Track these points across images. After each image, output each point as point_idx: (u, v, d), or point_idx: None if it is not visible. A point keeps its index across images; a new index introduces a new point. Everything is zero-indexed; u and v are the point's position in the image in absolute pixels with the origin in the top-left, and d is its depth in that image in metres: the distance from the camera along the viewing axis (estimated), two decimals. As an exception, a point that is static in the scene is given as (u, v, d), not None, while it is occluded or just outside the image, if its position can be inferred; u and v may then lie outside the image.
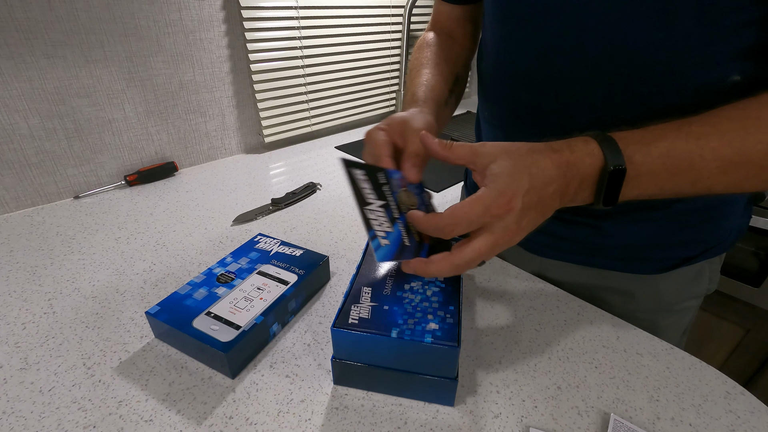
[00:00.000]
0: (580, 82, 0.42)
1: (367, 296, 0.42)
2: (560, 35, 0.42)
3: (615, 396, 0.42)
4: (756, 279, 1.04)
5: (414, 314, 0.40)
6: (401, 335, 0.37)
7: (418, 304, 0.41)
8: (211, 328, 0.43)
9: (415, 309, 0.40)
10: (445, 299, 0.42)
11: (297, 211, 0.77)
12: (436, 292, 0.43)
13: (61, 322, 0.49)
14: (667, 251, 0.52)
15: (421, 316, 0.40)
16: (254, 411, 0.39)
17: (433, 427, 0.38)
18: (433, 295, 0.42)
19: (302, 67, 1.05)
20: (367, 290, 0.42)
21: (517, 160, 0.34)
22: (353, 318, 0.39)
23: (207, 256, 0.62)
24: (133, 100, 0.81)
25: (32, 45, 0.67)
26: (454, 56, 0.58)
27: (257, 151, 1.05)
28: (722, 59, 0.36)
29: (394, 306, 0.40)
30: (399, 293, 0.42)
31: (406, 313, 0.40)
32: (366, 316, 0.39)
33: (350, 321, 0.39)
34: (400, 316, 0.39)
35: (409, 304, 0.41)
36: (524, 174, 0.33)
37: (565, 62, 0.42)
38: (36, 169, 0.73)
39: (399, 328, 0.38)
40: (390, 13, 1.20)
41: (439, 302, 0.41)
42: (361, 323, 0.39)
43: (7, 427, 0.37)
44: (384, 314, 0.40)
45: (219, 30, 0.88)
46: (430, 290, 0.43)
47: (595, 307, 0.54)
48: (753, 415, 0.40)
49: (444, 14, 0.62)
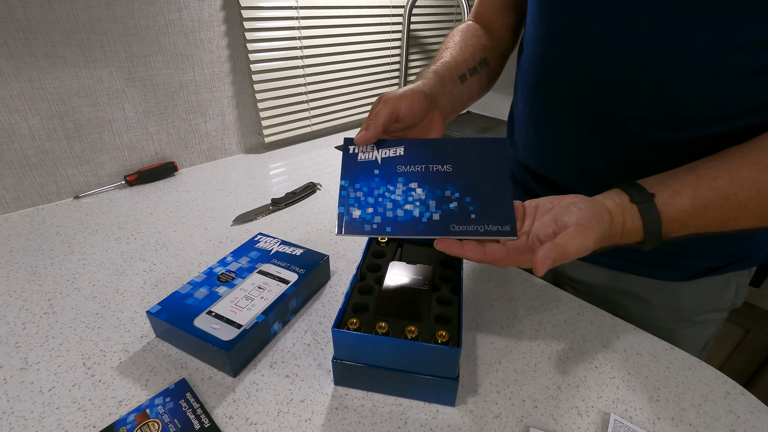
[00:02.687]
0: (619, 80, 0.42)
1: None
2: (603, 31, 0.41)
3: (615, 396, 0.42)
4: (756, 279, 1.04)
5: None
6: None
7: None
8: (213, 327, 0.43)
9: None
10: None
11: (297, 210, 0.77)
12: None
13: (61, 322, 0.49)
14: (691, 259, 0.50)
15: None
16: (254, 411, 0.39)
17: (433, 427, 0.38)
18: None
19: (302, 67, 1.05)
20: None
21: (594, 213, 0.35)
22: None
23: (207, 255, 0.62)
24: (133, 100, 0.81)
25: (32, 45, 0.67)
26: (484, 43, 0.57)
27: (257, 151, 1.05)
28: (766, 67, 0.36)
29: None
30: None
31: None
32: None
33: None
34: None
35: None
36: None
37: (605, 58, 0.42)
38: (36, 169, 0.73)
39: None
40: (390, 13, 1.20)
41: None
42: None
43: (7, 427, 0.37)
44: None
45: (219, 30, 0.88)
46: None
47: (595, 307, 0.54)
48: (753, 415, 0.40)
49: (485, 4, 0.61)
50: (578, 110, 0.47)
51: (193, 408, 0.39)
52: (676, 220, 0.36)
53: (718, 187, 0.35)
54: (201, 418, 0.38)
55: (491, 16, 0.61)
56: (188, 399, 0.39)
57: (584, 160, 0.49)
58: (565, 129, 0.49)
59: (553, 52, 0.47)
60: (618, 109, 0.43)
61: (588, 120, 0.46)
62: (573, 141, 0.49)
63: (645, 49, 0.39)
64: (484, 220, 0.37)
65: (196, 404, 0.39)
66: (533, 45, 0.51)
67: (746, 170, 0.35)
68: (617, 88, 0.42)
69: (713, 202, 0.35)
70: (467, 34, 0.58)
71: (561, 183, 0.53)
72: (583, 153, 0.49)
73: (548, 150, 0.53)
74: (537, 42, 0.50)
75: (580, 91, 0.45)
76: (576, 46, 0.44)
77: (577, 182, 0.51)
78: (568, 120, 0.48)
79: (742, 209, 0.35)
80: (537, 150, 0.55)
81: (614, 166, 0.47)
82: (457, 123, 1.39)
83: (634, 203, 0.37)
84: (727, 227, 0.37)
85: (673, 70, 0.38)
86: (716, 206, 0.35)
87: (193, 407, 0.39)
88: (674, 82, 0.39)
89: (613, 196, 0.38)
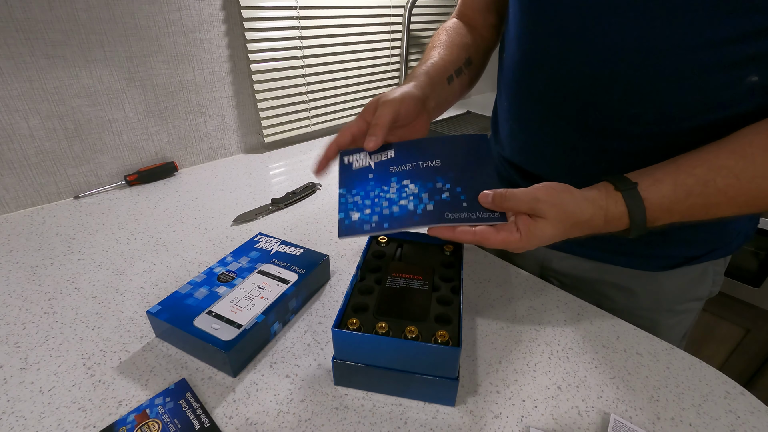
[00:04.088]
0: (600, 78, 0.43)
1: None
2: (581, 29, 0.42)
3: (615, 396, 0.42)
4: (756, 279, 1.04)
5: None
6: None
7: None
8: (213, 327, 0.43)
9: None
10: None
11: (297, 210, 0.77)
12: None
13: (61, 322, 0.49)
14: (670, 249, 0.52)
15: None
16: (254, 411, 0.39)
17: (433, 427, 0.38)
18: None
19: (302, 67, 1.05)
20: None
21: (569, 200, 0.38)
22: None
23: (207, 255, 0.62)
24: (133, 100, 0.81)
25: (32, 45, 0.67)
26: (468, 42, 0.59)
27: (257, 151, 1.05)
28: (741, 60, 0.37)
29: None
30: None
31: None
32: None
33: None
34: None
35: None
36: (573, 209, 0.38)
37: (587, 57, 0.43)
38: (36, 169, 0.73)
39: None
40: (390, 13, 1.20)
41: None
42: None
43: (7, 427, 0.37)
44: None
45: (219, 30, 0.88)
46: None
47: (595, 307, 0.54)
48: (753, 415, 0.40)
49: (467, 4, 0.63)
50: (560, 107, 0.48)
51: (193, 408, 0.39)
52: (659, 206, 0.38)
53: (698, 174, 0.37)
54: (201, 418, 0.38)
55: (473, 15, 0.63)
56: (188, 399, 0.39)
57: (568, 155, 0.50)
58: (547, 125, 0.50)
59: (534, 51, 0.48)
60: (599, 105, 0.44)
61: (570, 116, 0.47)
62: (556, 137, 0.50)
63: (622, 46, 0.40)
64: (475, 207, 0.39)
65: (196, 404, 0.39)
66: (514, 43, 0.52)
67: (723, 159, 0.37)
68: (597, 85, 0.43)
69: (694, 189, 0.37)
70: (453, 33, 0.59)
71: (546, 178, 0.53)
72: (566, 148, 0.50)
73: (532, 146, 0.54)
74: (518, 40, 0.51)
75: (561, 89, 0.46)
76: (556, 44, 0.45)
77: (562, 177, 0.52)
78: (551, 116, 0.49)
79: (722, 195, 0.37)
80: (521, 146, 0.56)
81: (597, 160, 0.48)
82: (457, 123, 1.39)
83: (618, 191, 0.38)
84: (708, 215, 0.38)
85: (649, 67, 0.40)
86: (697, 192, 0.37)
87: (193, 407, 0.39)
88: (651, 78, 0.40)
89: (598, 186, 0.40)
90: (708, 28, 0.36)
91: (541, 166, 0.54)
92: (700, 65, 0.38)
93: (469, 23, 0.62)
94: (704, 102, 0.39)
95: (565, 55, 0.45)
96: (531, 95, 0.51)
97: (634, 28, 0.39)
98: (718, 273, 0.56)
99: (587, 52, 0.43)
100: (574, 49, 0.43)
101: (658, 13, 0.37)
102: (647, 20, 0.38)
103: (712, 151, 0.38)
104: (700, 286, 0.56)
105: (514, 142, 0.57)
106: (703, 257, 0.52)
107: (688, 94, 0.39)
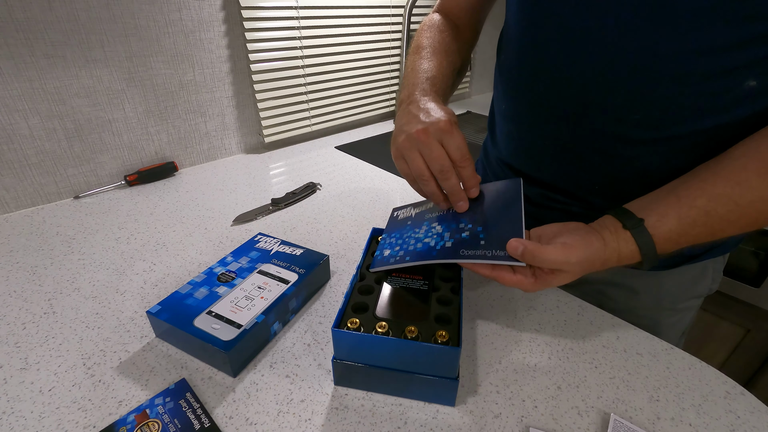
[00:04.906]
0: (601, 82, 0.43)
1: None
2: (581, 33, 0.42)
3: (615, 396, 0.42)
4: (756, 279, 1.04)
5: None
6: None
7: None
8: (213, 327, 0.43)
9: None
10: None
11: (297, 211, 0.77)
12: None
13: (61, 322, 0.49)
14: None
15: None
16: (254, 411, 0.39)
17: (433, 427, 0.38)
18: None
19: (302, 67, 1.05)
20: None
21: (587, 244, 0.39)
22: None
23: (207, 255, 0.62)
24: (133, 100, 0.81)
25: (32, 45, 0.67)
26: (458, 47, 0.58)
27: (257, 151, 1.05)
28: (740, 66, 0.37)
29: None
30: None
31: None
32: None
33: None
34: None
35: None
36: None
37: (588, 61, 0.43)
38: (36, 169, 0.73)
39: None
40: (390, 13, 1.20)
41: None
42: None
43: (7, 427, 0.37)
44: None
45: (219, 30, 0.88)
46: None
47: (595, 307, 0.54)
48: (753, 415, 0.41)
49: (453, 1, 0.62)
50: (559, 109, 0.48)
51: (193, 408, 0.39)
52: (667, 240, 0.39)
53: (699, 206, 0.38)
54: (201, 418, 0.38)
55: (458, 13, 0.62)
56: (188, 399, 0.39)
57: (565, 157, 0.50)
58: (546, 128, 0.50)
59: (533, 53, 0.48)
60: (598, 109, 0.44)
61: (568, 119, 0.47)
62: (554, 139, 0.50)
63: (621, 51, 0.40)
64: (492, 245, 0.39)
65: (196, 404, 0.39)
66: (514, 44, 0.52)
67: (720, 187, 0.37)
68: (596, 88, 0.43)
69: (697, 220, 0.38)
70: (443, 37, 0.58)
71: (544, 180, 0.54)
72: (564, 151, 0.50)
73: (530, 148, 0.54)
74: (517, 42, 0.51)
75: (560, 92, 0.46)
76: (555, 47, 0.45)
77: (559, 179, 0.52)
78: (549, 119, 0.49)
79: (724, 222, 0.38)
80: (519, 148, 0.56)
81: (595, 163, 0.48)
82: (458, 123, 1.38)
83: (627, 229, 0.39)
84: (714, 237, 0.39)
85: (650, 71, 0.40)
86: (701, 223, 0.38)
87: (193, 407, 0.39)
88: (652, 82, 0.40)
89: (608, 225, 0.40)
90: (709, 33, 0.36)
91: (538, 167, 0.54)
92: (700, 70, 0.38)
93: (454, 21, 0.62)
94: (703, 106, 0.40)
95: (565, 58, 0.45)
96: (529, 97, 0.51)
97: (635, 32, 0.39)
98: (717, 270, 0.57)
99: (588, 56, 0.43)
100: (575, 52, 0.43)
101: (660, 18, 0.38)
102: (649, 25, 0.38)
103: (708, 180, 0.38)
104: (700, 283, 0.56)
105: (511, 143, 0.57)
106: (702, 255, 0.53)
107: (688, 98, 0.40)
